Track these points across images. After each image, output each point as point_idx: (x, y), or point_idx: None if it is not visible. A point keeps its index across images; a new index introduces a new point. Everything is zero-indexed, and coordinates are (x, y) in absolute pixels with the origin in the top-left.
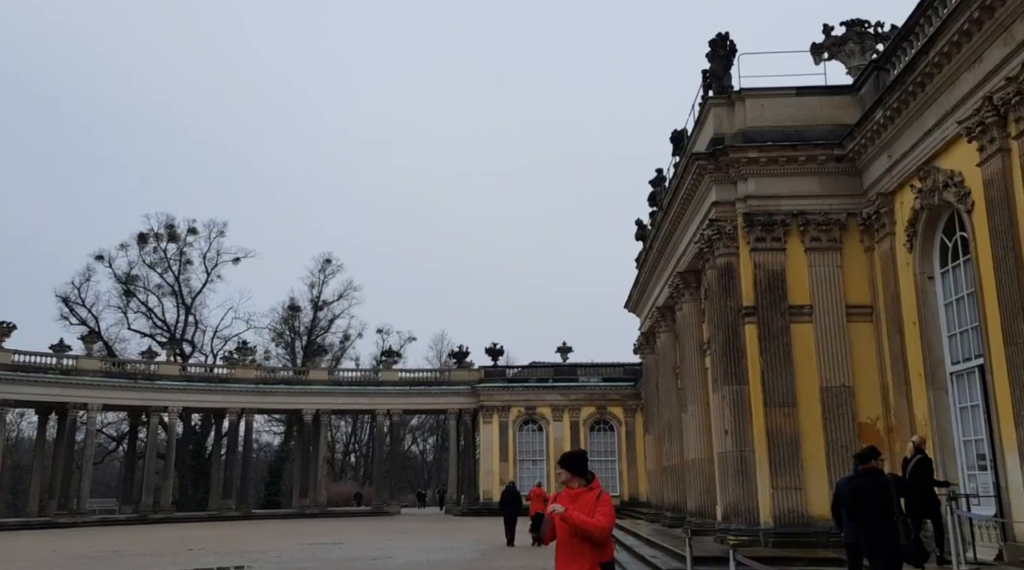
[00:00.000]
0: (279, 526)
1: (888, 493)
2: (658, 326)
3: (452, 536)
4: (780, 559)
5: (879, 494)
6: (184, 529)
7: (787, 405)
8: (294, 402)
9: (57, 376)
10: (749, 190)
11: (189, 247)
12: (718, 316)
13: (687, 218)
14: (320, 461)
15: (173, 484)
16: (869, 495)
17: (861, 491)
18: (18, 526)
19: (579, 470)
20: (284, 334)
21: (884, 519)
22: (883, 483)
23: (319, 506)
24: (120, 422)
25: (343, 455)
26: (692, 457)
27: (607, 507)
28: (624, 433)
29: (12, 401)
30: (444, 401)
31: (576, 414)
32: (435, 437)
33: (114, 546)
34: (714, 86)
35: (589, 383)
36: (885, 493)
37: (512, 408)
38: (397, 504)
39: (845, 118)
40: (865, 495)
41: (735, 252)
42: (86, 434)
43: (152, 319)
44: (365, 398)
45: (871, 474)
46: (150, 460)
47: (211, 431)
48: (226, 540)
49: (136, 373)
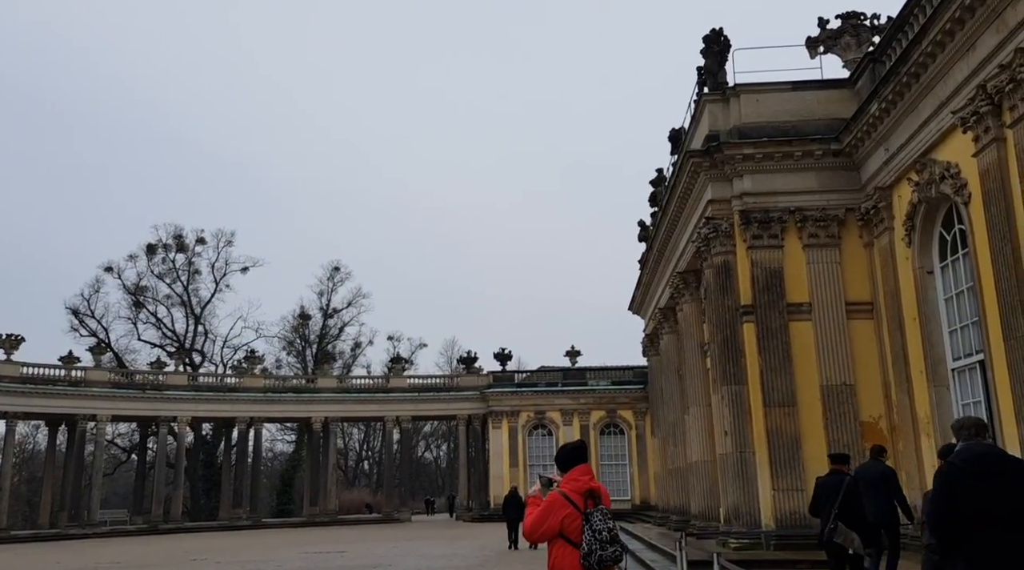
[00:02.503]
0: (287, 535)
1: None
2: (661, 327)
3: (458, 543)
4: (782, 562)
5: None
6: (192, 539)
7: (787, 405)
8: (303, 410)
9: (66, 388)
10: (745, 187)
11: (198, 257)
12: (716, 315)
13: (685, 217)
14: (330, 469)
15: (184, 494)
16: (829, 492)
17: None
18: (28, 538)
19: (560, 465)
20: (295, 342)
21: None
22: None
23: (329, 514)
24: (131, 433)
25: (356, 463)
26: (695, 459)
27: (533, 509)
28: (634, 436)
29: (21, 413)
30: (454, 407)
31: (586, 418)
32: (448, 443)
33: (118, 558)
34: (709, 82)
35: (598, 387)
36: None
37: (521, 413)
38: (408, 511)
39: (842, 112)
40: (826, 492)
41: (732, 250)
42: (96, 445)
43: (161, 329)
44: (374, 405)
45: (835, 474)
46: (160, 470)
47: (222, 440)
48: (231, 550)
49: (145, 383)
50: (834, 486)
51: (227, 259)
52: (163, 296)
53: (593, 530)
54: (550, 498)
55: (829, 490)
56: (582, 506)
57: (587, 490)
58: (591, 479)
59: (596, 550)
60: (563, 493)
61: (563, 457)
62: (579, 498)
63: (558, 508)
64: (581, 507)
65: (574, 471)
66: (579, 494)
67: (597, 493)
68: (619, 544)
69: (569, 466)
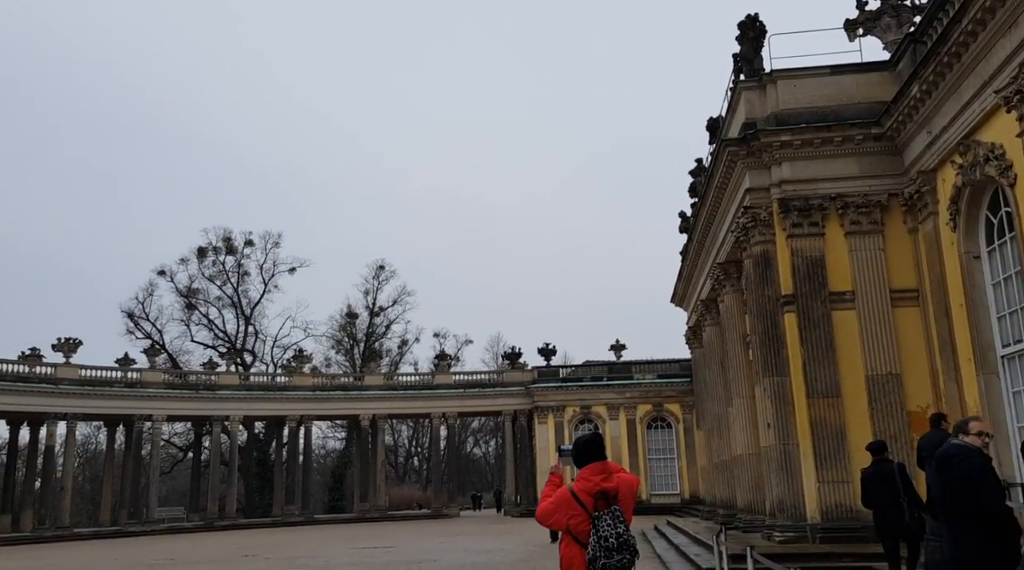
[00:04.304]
0: (338, 531)
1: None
2: (703, 319)
3: (504, 537)
4: (828, 555)
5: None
6: (245, 536)
7: (831, 395)
8: (351, 408)
9: (123, 389)
10: (784, 175)
11: (246, 259)
12: (757, 306)
13: (723, 207)
14: (379, 466)
15: (239, 491)
16: (879, 483)
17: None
18: (90, 535)
19: (575, 461)
20: (342, 341)
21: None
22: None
23: (380, 510)
24: (187, 432)
25: (405, 459)
26: (740, 452)
27: (551, 488)
28: (682, 430)
29: (81, 414)
30: (499, 403)
31: (632, 412)
32: (495, 439)
33: (173, 554)
34: (745, 69)
35: (644, 380)
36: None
37: (567, 408)
38: (456, 507)
39: (883, 95)
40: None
41: (771, 239)
42: (152, 445)
43: (213, 331)
44: (420, 402)
45: (881, 463)
46: (215, 469)
47: (273, 439)
48: (282, 546)
49: (198, 384)
50: (884, 475)
51: (275, 260)
52: (214, 298)
53: (599, 536)
54: (559, 494)
55: (879, 480)
56: (591, 508)
57: (598, 491)
58: (604, 479)
59: (600, 557)
60: (573, 491)
61: (577, 452)
62: (588, 499)
63: (565, 506)
64: (590, 509)
65: (587, 469)
66: (589, 495)
67: (610, 494)
68: (627, 551)
69: (583, 462)
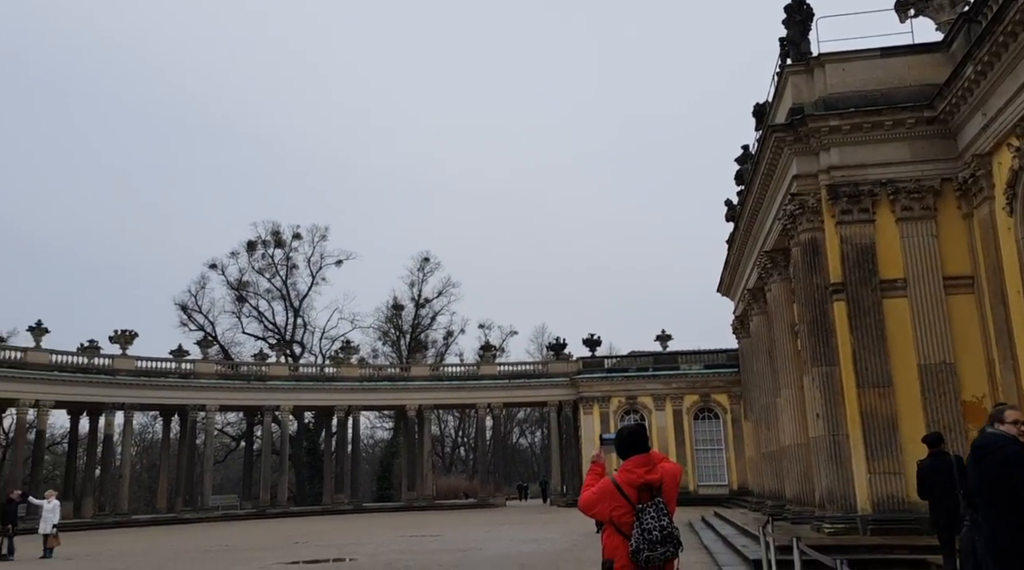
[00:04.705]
0: (386, 519)
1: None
2: (750, 309)
3: (550, 527)
4: (879, 547)
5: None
6: (296, 523)
7: (882, 385)
8: (397, 398)
9: (177, 380)
10: (832, 160)
11: (294, 252)
12: (805, 295)
13: (770, 195)
14: (426, 456)
15: (290, 480)
16: (937, 475)
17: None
18: (147, 522)
19: (618, 452)
20: (389, 332)
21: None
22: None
23: (427, 499)
24: (239, 422)
25: (452, 449)
26: (788, 443)
27: (593, 478)
28: (730, 420)
29: (137, 404)
30: (544, 393)
31: (679, 402)
32: (541, 430)
33: (227, 540)
34: (792, 54)
35: (691, 371)
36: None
37: (612, 398)
38: (503, 497)
39: (935, 78)
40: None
41: (820, 227)
42: (206, 434)
43: (263, 322)
44: (466, 392)
45: (939, 455)
46: (266, 457)
47: (323, 428)
48: (331, 533)
49: (249, 375)
50: (941, 467)
51: (322, 253)
52: (264, 290)
53: (643, 529)
54: (602, 485)
55: (936, 472)
56: (635, 500)
57: (642, 484)
58: (648, 471)
59: (644, 550)
60: (616, 483)
61: (621, 444)
62: (632, 491)
63: (608, 498)
64: (634, 501)
65: (630, 461)
66: (633, 487)
67: (653, 486)
68: (671, 544)
69: (627, 454)
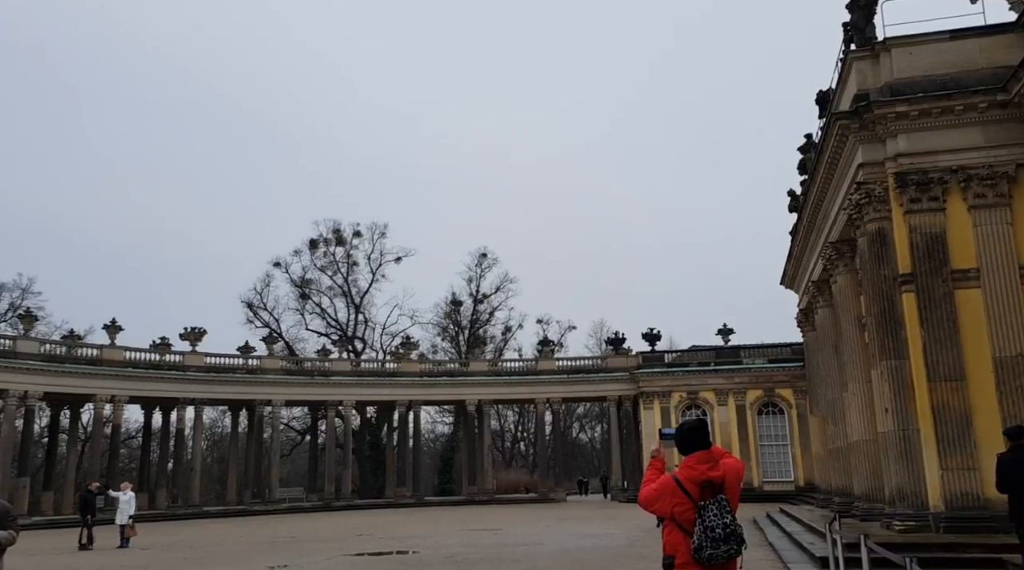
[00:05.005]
0: (447, 513)
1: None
2: (815, 301)
3: (610, 522)
4: (953, 545)
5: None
6: (360, 516)
7: (954, 379)
8: (457, 393)
9: (244, 375)
10: (899, 148)
11: (355, 249)
12: (872, 286)
13: (835, 184)
14: (486, 450)
15: (353, 473)
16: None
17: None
18: (218, 514)
19: (679, 448)
20: (448, 328)
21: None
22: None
23: (487, 494)
24: (304, 416)
25: (512, 444)
26: (856, 438)
27: (653, 473)
28: (795, 416)
29: (207, 399)
30: (603, 388)
31: (741, 397)
32: (601, 425)
33: (294, 532)
34: (856, 39)
35: (754, 365)
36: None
37: (673, 393)
38: (563, 491)
39: (1009, 59)
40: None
41: (887, 216)
42: (272, 428)
43: (326, 319)
44: (525, 387)
45: (1020, 449)
46: (330, 451)
47: (385, 423)
48: (393, 526)
49: (313, 370)
50: (1022, 461)
51: (381, 250)
52: (326, 287)
53: (705, 526)
54: (663, 481)
55: (1017, 466)
56: (696, 497)
57: (704, 481)
58: (710, 468)
59: (706, 547)
60: (677, 479)
61: (682, 439)
62: (694, 488)
63: (669, 494)
64: (695, 498)
65: (692, 457)
66: (694, 484)
67: (716, 483)
68: (735, 541)
69: (688, 450)
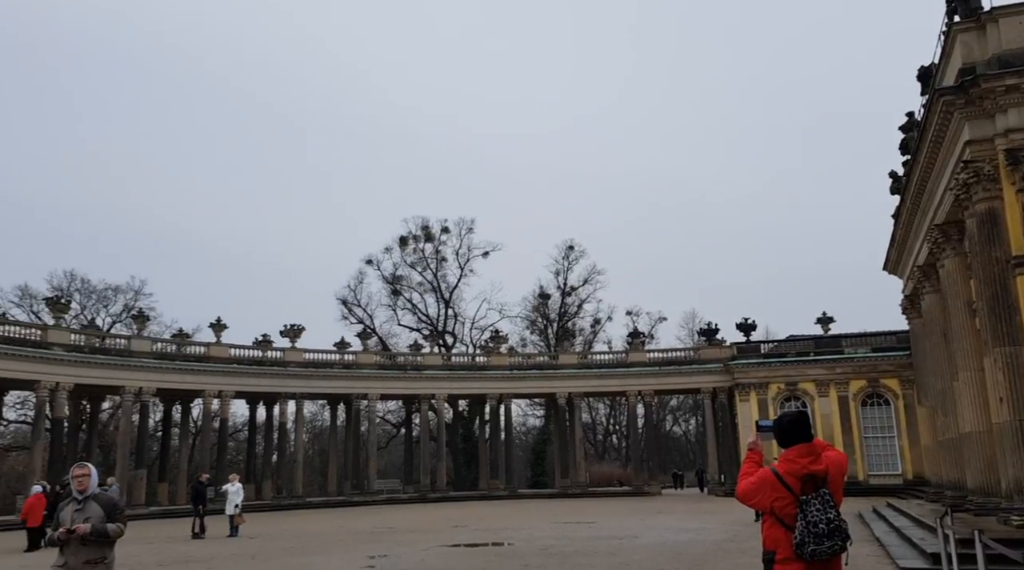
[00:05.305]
0: (540, 505)
1: None
2: (921, 287)
3: (708, 517)
4: None
5: None
6: (455, 508)
7: None
8: (547, 386)
9: (341, 370)
10: (1010, 123)
11: (443, 245)
12: (983, 269)
13: (940, 163)
14: (577, 443)
15: (447, 465)
16: None
17: None
18: (320, 504)
19: (779, 441)
20: (536, 321)
21: None
22: None
23: (580, 486)
24: (398, 409)
25: (604, 437)
26: (968, 429)
27: (751, 466)
28: (902, 407)
29: (307, 394)
30: (696, 380)
31: (843, 388)
32: (695, 417)
33: (391, 523)
34: (960, 10)
35: (857, 354)
36: None
37: (770, 384)
38: (657, 485)
39: None
40: None
41: (998, 195)
42: (369, 422)
43: (417, 314)
44: (615, 380)
45: None
46: (424, 444)
47: (477, 416)
48: (487, 518)
49: (406, 365)
50: None
51: (469, 245)
52: (416, 283)
53: (808, 521)
54: (762, 474)
55: None
56: (798, 491)
57: (806, 475)
58: (812, 461)
59: (809, 543)
60: (776, 473)
61: (782, 432)
62: (795, 482)
63: (768, 488)
64: (796, 492)
65: (792, 450)
66: (795, 478)
67: (818, 477)
68: (839, 537)
69: (788, 442)
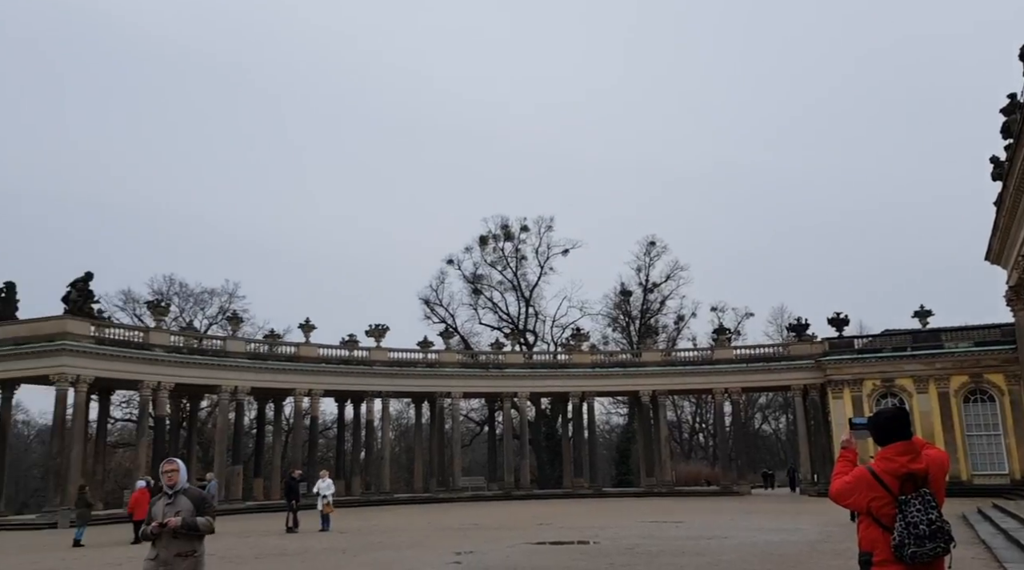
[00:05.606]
0: (625, 504)
1: None
2: None
3: (800, 517)
4: None
5: None
6: (539, 505)
7: None
8: (630, 384)
9: (424, 369)
10: None
11: (523, 244)
12: None
13: None
14: (663, 441)
15: (531, 463)
16: None
17: None
18: (406, 500)
19: (876, 438)
20: (618, 318)
21: None
22: None
23: (666, 485)
24: (481, 408)
25: (690, 435)
26: None
27: (844, 464)
28: (1008, 403)
29: (392, 392)
30: (786, 377)
31: (944, 384)
32: (785, 415)
33: (476, 520)
34: None
35: (958, 349)
36: None
37: (865, 381)
38: (747, 484)
39: None
40: None
41: None
42: (452, 419)
43: (497, 313)
44: (700, 377)
45: None
46: (508, 441)
47: (559, 414)
48: (572, 516)
49: (488, 363)
50: None
51: (548, 243)
52: (496, 282)
53: (908, 522)
54: (857, 474)
55: None
56: (896, 491)
57: (905, 474)
58: (911, 460)
59: (909, 545)
60: (873, 472)
61: (880, 429)
62: (893, 481)
63: (865, 488)
64: (895, 492)
65: (890, 448)
66: (894, 477)
67: (918, 477)
68: (942, 539)
69: (886, 440)
